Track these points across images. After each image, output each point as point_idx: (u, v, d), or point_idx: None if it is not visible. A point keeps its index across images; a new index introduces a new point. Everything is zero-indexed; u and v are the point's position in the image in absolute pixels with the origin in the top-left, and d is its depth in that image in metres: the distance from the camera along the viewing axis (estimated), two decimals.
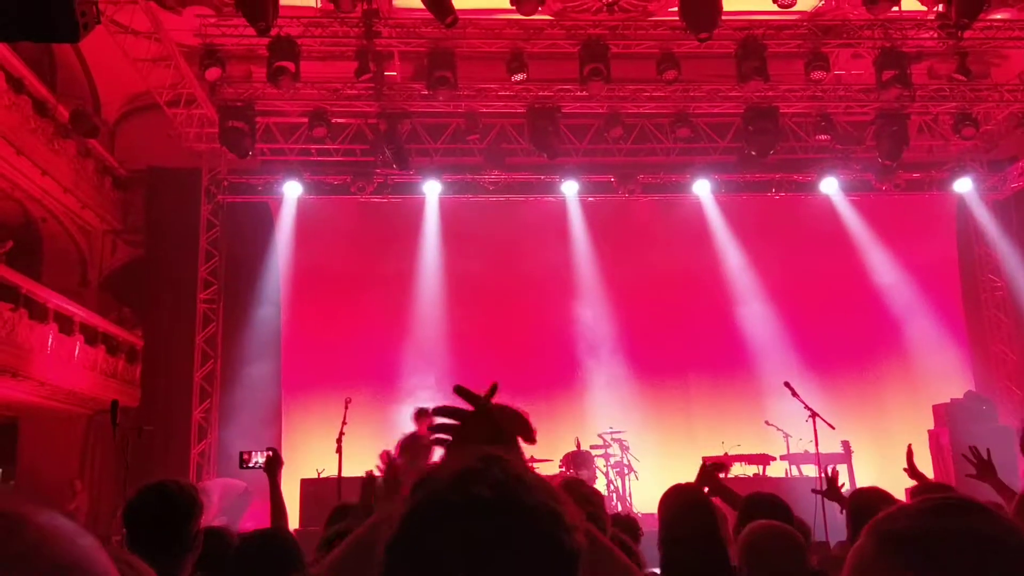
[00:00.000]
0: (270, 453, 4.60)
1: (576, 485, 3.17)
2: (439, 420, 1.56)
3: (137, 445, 8.07)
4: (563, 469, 11.19)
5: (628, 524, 3.88)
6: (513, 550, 1.04)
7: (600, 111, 13.00)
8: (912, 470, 5.00)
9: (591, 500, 2.93)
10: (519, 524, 1.06)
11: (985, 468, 4.66)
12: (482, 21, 11.20)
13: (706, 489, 3.86)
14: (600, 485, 11.57)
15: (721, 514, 3.62)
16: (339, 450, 9.31)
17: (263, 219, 14.00)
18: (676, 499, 3.24)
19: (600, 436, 11.83)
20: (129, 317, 14.02)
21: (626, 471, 11.79)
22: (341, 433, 9.46)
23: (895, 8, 10.19)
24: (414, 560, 1.06)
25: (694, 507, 3.17)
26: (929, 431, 11.95)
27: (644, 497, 11.72)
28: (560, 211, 14.14)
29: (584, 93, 11.99)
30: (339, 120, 13.09)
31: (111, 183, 14.11)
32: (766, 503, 3.60)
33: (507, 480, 1.10)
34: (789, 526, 2.94)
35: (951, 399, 11.95)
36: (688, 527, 3.07)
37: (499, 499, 1.07)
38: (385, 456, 2.36)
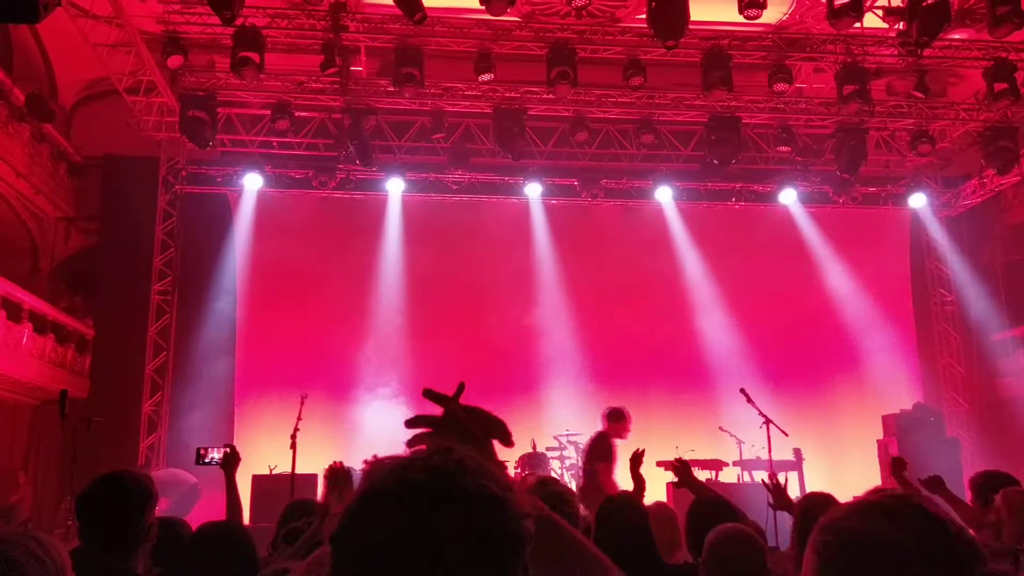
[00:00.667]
0: (227, 450, 4.60)
1: (550, 484, 3.17)
2: (411, 432, 1.54)
3: (85, 437, 7.91)
4: (518, 470, 11.21)
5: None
6: (446, 534, 1.04)
7: (566, 114, 13.05)
8: (899, 478, 5.12)
9: (565, 499, 2.92)
10: (453, 508, 1.06)
11: (935, 485, 4.86)
12: (451, 19, 11.17)
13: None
14: None
15: (670, 516, 3.65)
16: (293, 446, 9.22)
17: (221, 211, 13.79)
18: (608, 506, 3.28)
19: (556, 438, 11.86)
20: (81, 306, 13.72)
21: (580, 473, 11.82)
22: (296, 429, 9.37)
23: (857, 24, 10.36)
24: (355, 549, 1.07)
25: (624, 510, 3.21)
26: (878, 440, 12.19)
27: None
28: (523, 213, 14.15)
29: (550, 96, 12.03)
30: (303, 114, 12.98)
31: (66, 169, 13.82)
32: (714, 505, 3.64)
33: (444, 466, 1.09)
34: (750, 530, 2.97)
35: (900, 410, 12.19)
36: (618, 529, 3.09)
37: (432, 484, 1.07)
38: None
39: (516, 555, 1.09)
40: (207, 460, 4.89)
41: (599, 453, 8.65)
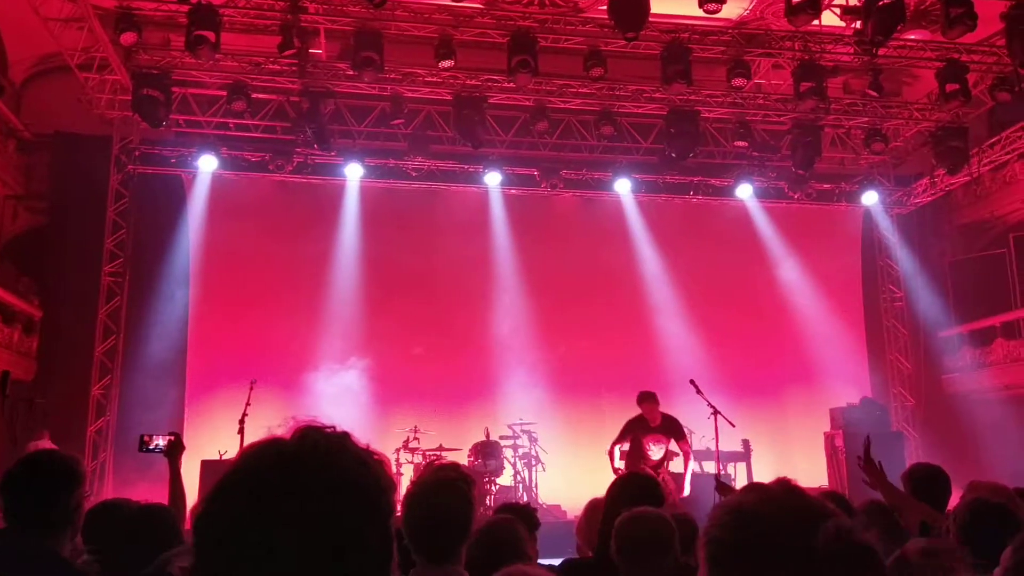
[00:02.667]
0: (172, 438, 4.55)
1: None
2: None
3: (28, 419, 7.76)
4: (471, 458, 11.22)
5: (525, 513, 3.89)
6: (286, 519, 1.03)
7: (527, 104, 13.04)
8: (867, 465, 5.13)
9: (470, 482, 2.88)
10: (293, 498, 1.05)
11: (875, 476, 4.94)
12: (411, 4, 11.08)
13: None
14: (507, 475, 11.65)
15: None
16: (241, 431, 9.14)
17: (175, 192, 13.56)
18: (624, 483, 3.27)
19: (510, 427, 11.91)
20: (29, 287, 13.42)
21: (534, 462, 11.89)
22: (244, 415, 9.30)
23: (816, 22, 10.47)
24: (208, 536, 1.07)
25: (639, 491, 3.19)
26: (825, 433, 12.41)
27: (550, 488, 11.84)
28: (482, 202, 14.14)
29: (511, 85, 12.00)
30: (260, 96, 12.78)
31: (15, 146, 13.49)
32: (636, 484, 3.58)
33: (293, 449, 1.10)
34: (659, 512, 2.95)
35: (847, 404, 12.42)
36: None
37: (277, 470, 1.07)
38: None
39: (381, 528, 1.09)
40: (151, 448, 4.82)
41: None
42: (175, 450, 4.44)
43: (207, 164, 13.18)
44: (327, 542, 1.03)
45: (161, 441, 4.71)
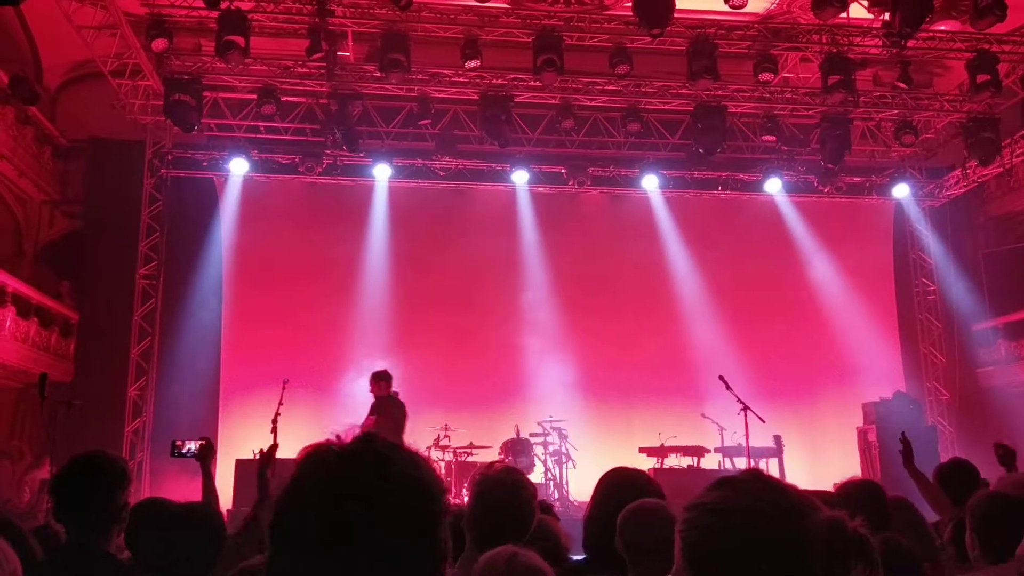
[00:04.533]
0: (203, 442, 4.63)
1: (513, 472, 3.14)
2: None
3: (67, 420, 7.91)
4: (502, 456, 11.28)
5: (544, 508, 3.92)
6: (377, 520, 1.09)
7: (553, 102, 13.06)
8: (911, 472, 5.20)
9: (522, 485, 2.93)
10: (383, 495, 1.11)
11: (907, 451, 5.07)
12: (437, 5, 11.15)
13: None
14: (538, 472, 11.69)
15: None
16: (274, 431, 9.25)
17: (207, 195, 13.77)
18: (611, 478, 3.23)
19: (540, 424, 11.94)
20: (67, 290, 13.67)
21: (564, 459, 11.91)
22: (277, 414, 9.41)
23: (843, 15, 10.40)
24: (287, 537, 1.12)
25: (626, 486, 3.14)
26: (857, 428, 12.33)
27: (580, 486, 11.87)
28: (510, 200, 14.19)
29: (537, 83, 12.03)
30: (289, 99, 12.93)
31: (51, 152, 13.73)
32: (626, 480, 3.40)
33: (370, 455, 1.16)
34: (662, 502, 2.94)
35: (880, 398, 12.31)
36: (617, 503, 3.05)
37: (359, 474, 1.13)
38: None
39: (438, 528, 1.15)
40: (183, 452, 4.93)
41: None
42: (206, 454, 4.54)
43: (238, 167, 13.36)
44: (392, 535, 1.10)
45: (193, 445, 4.80)
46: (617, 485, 3.13)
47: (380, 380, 10.30)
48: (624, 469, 3.29)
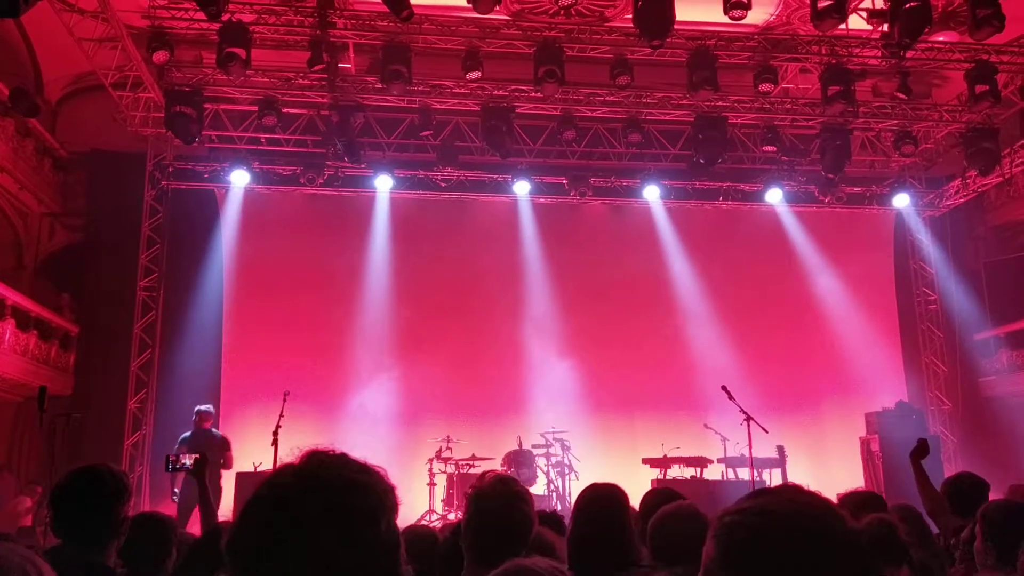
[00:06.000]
0: (198, 456, 4.61)
1: (509, 482, 3.14)
2: None
3: (67, 434, 7.87)
4: (504, 467, 11.23)
5: (553, 520, 3.91)
6: (311, 520, 1.17)
7: (554, 113, 13.08)
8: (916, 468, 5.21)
9: (521, 498, 2.90)
10: (316, 497, 1.20)
11: (922, 450, 5.20)
12: (438, 17, 11.18)
13: None
14: (540, 484, 11.65)
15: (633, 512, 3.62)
16: (275, 443, 9.22)
17: (208, 207, 13.76)
18: (588, 494, 3.24)
19: (542, 435, 11.90)
20: (65, 303, 13.66)
21: (566, 471, 11.86)
22: (278, 426, 9.38)
23: (842, 26, 10.42)
24: (239, 554, 1.20)
25: (605, 500, 3.16)
26: (860, 438, 12.29)
27: None
28: (511, 211, 14.19)
29: (538, 94, 12.05)
30: (290, 110, 12.95)
31: (51, 165, 13.75)
32: (664, 497, 3.60)
33: (307, 467, 1.25)
34: (693, 504, 2.95)
35: (882, 408, 12.28)
36: (597, 520, 3.07)
37: (297, 483, 1.22)
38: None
39: (378, 525, 1.23)
40: (178, 467, 4.93)
41: None
42: (201, 468, 4.51)
43: (239, 179, 13.36)
44: (342, 532, 1.18)
45: (187, 460, 4.79)
46: (595, 501, 3.15)
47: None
48: (599, 485, 3.29)
